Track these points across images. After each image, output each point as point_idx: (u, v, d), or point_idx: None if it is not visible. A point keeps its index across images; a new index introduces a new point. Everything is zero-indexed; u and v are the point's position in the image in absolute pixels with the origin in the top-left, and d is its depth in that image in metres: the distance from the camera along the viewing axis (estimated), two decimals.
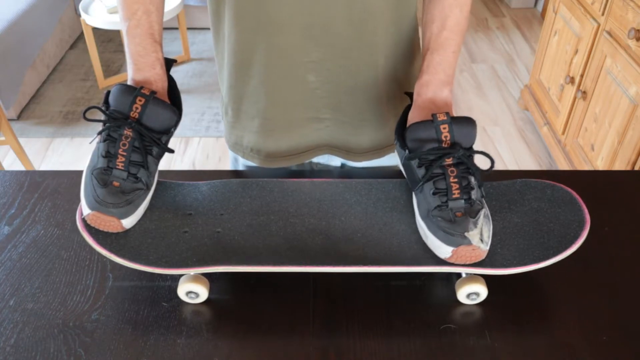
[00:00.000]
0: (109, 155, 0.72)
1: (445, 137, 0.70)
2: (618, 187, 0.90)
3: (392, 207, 0.77)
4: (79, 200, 0.86)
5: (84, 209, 0.70)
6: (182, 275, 0.71)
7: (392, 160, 0.98)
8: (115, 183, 0.71)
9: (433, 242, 0.69)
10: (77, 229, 0.81)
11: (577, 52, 2.12)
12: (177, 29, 3.43)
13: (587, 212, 0.73)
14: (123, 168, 0.71)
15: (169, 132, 0.75)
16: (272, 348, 0.66)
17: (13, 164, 2.40)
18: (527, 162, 2.41)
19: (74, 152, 2.48)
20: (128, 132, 0.72)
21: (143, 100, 0.72)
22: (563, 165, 2.20)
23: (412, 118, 0.77)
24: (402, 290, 0.73)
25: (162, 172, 0.87)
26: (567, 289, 0.73)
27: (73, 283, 0.73)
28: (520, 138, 2.56)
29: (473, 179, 0.71)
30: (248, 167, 0.99)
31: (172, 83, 0.82)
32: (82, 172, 0.90)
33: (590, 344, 0.66)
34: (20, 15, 2.70)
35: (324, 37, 0.80)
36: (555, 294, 0.72)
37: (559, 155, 2.24)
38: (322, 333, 0.68)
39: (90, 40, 2.74)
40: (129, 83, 0.76)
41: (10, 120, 2.68)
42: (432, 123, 0.71)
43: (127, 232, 0.72)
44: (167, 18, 2.69)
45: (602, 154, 1.92)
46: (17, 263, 0.76)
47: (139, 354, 0.65)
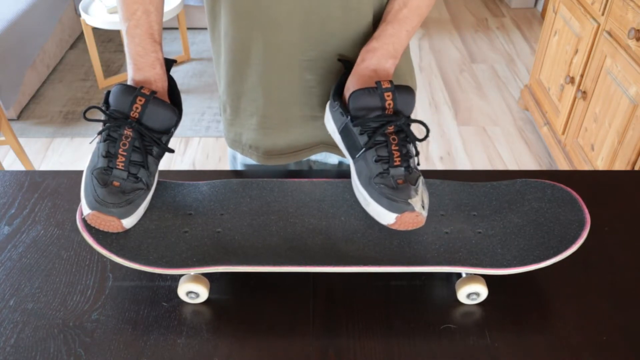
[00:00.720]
0: (109, 155, 0.72)
1: (389, 104, 0.72)
2: (618, 187, 0.90)
3: None
4: (79, 200, 0.86)
5: (84, 209, 0.70)
6: (182, 275, 0.71)
7: None
8: (116, 183, 0.71)
9: (375, 208, 0.70)
10: (77, 229, 0.81)
11: (577, 52, 2.12)
12: (177, 29, 3.43)
13: (587, 212, 0.73)
14: (123, 168, 0.71)
15: (169, 132, 0.76)
16: (272, 348, 0.66)
17: (13, 164, 2.40)
18: (527, 162, 2.41)
19: (74, 152, 2.48)
20: (128, 132, 0.72)
21: (143, 100, 0.72)
22: (563, 165, 2.20)
23: (351, 84, 0.77)
24: (402, 290, 0.73)
25: (162, 172, 0.87)
26: (567, 289, 0.73)
27: (73, 283, 0.73)
28: (520, 138, 2.56)
29: (411, 147, 0.73)
30: (247, 165, 1.00)
31: (172, 83, 0.82)
32: (82, 172, 0.90)
33: (590, 344, 0.66)
34: (20, 15, 2.70)
35: (320, 35, 0.81)
36: (555, 294, 0.72)
37: (559, 155, 2.24)
38: (322, 333, 0.68)
39: (90, 40, 2.74)
40: (129, 83, 0.77)
41: (10, 120, 2.68)
42: (376, 90, 0.71)
43: (127, 232, 0.72)
44: (167, 18, 2.69)
45: (602, 154, 1.92)
46: (17, 263, 0.76)
47: (139, 354, 0.65)
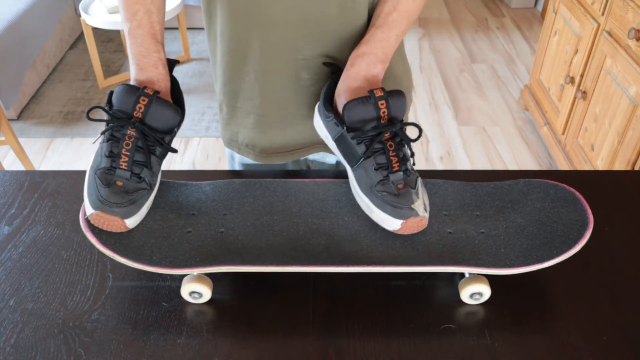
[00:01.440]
0: (112, 155, 0.72)
1: (384, 112, 0.73)
2: (618, 187, 0.90)
3: None
4: (79, 200, 0.86)
5: (87, 209, 0.70)
6: (184, 276, 0.71)
7: None
8: (119, 183, 0.71)
9: (379, 215, 0.71)
10: (77, 229, 0.81)
11: (577, 52, 2.12)
12: (177, 29, 3.43)
13: (590, 212, 0.73)
14: (126, 168, 0.71)
15: (172, 132, 0.76)
16: (272, 348, 0.66)
17: (13, 164, 2.40)
18: (527, 162, 2.41)
19: (74, 152, 2.48)
20: (131, 131, 0.72)
21: (146, 100, 0.72)
22: (563, 165, 2.20)
23: (342, 90, 0.77)
24: (402, 290, 0.73)
25: (162, 172, 0.87)
26: (567, 289, 0.73)
27: (73, 283, 0.73)
28: (520, 138, 2.56)
29: (407, 150, 0.74)
30: (245, 165, 1.00)
31: (174, 83, 0.82)
32: (82, 172, 0.90)
33: (591, 344, 0.66)
34: (20, 15, 2.70)
35: (317, 34, 0.81)
36: (556, 294, 0.72)
37: (559, 155, 2.24)
38: (322, 333, 0.68)
39: (90, 40, 2.74)
40: (132, 83, 0.77)
41: (10, 120, 2.68)
42: (369, 99, 0.72)
43: (130, 232, 0.72)
44: (167, 18, 2.69)
45: (602, 154, 1.92)
46: (17, 263, 0.76)
47: (139, 354, 0.65)
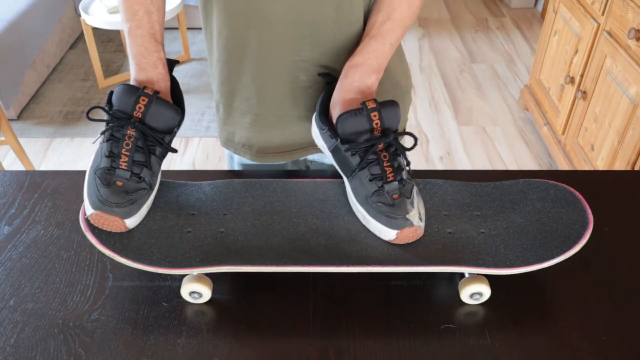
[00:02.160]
0: (112, 155, 0.72)
1: (377, 124, 0.73)
2: (618, 187, 0.90)
3: None
4: (79, 200, 0.86)
5: (87, 209, 0.70)
6: (184, 276, 0.71)
7: None
8: (119, 183, 0.71)
9: (376, 226, 0.72)
10: (77, 229, 0.81)
11: (577, 52, 2.12)
12: (177, 29, 3.43)
13: (590, 212, 0.73)
14: (126, 168, 0.71)
15: (172, 132, 0.76)
16: (272, 348, 0.66)
17: (13, 164, 2.40)
18: (527, 162, 2.41)
19: (74, 152, 2.48)
20: (131, 131, 0.72)
21: (146, 100, 0.72)
22: (563, 165, 2.20)
23: (337, 101, 0.78)
24: (402, 290, 0.73)
25: (162, 172, 0.87)
26: (567, 289, 0.73)
27: (73, 283, 0.73)
28: (520, 138, 2.56)
29: (402, 159, 0.74)
30: (244, 165, 1.00)
31: (174, 83, 0.82)
32: (82, 172, 0.90)
33: (590, 344, 0.66)
34: (20, 15, 2.70)
35: (314, 35, 0.81)
36: (556, 294, 0.72)
37: (559, 155, 2.24)
38: (322, 333, 0.68)
39: (90, 40, 2.74)
40: (132, 83, 0.77)
41: (10, 120, 2.68)
42: (362, 112, 0.73)
43: (130, 232, 0.72)
44: (167, 18, 2.69)
45: (602, 154, 1.92)
46: (17, 263, 0.76)
47: (139, 354, 0.65)
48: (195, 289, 0.69)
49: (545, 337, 0.67)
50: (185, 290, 0.69)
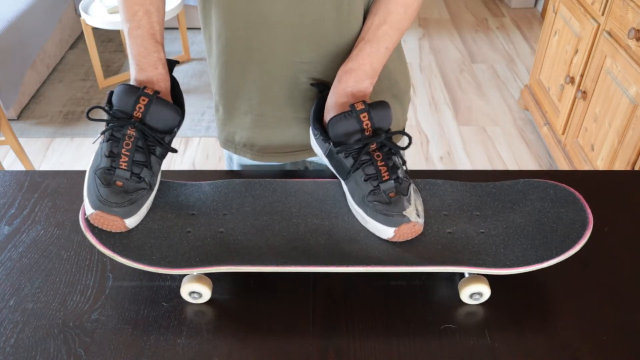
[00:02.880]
0: (112, 155, 0.72)
1: (367, 125, 0.73)
2: (618, 187, 0.90)
3: None
4: (79, 200, 0.86)
5: (87, 209, 0.70)
6: (184, 276, 0.71)
7: None
8: (119, 183, 0.71)
9: (374, 225, 0.72)
10: (77, 229, 0.81)
11: (577, 52, 2.12)
12: (177, 29, 3.43)
13: (589, 212, 0.73)
14: (126, 168, 0.71)
15: (172, 132, 0.76)
16: (272, 348, 0.66)
17: (13, 164, 2.40)
18: (527, 162, 2.41)
19: (74, 152, 2.48)
20: (131, 131, 0.72)
21: (146, 100, 0.72)
22: (563, 165, 2.20)
23: (330, 106, 0.78)
24: (402, 290, 0.73)
25: (162, 172, 0.87)
26: (567, 289, 0.73)
27: (73, 283, 0.73)
28: (520, 138, 2.56)
29: (397, 159, 0.75)
30: (243, 165, 1.00)
31: (174, 83, 0.82)
32: (82, 172, 0.90)
33: (590, 344, 0.66)
34: (20, 15, 2.70)
35: (314, 37, 0.81)
36: (556, 294, 0.72)
37: (559, 155, 2.24)
38: (322, 333, 0.68)
39: (90, 40, 2.74)
40: (132, 83, 0.77)
41: (10, 120, 2.68)
42: (351, 114, 0.73)
43: (130, 232, 0.72)
44: (167, 18, 2.69)
45: (602, 154, 1.92)
46: (17, 263, 0.76)
47: (139, 354, 0.65)
48: (195, 289, 0.69)
49: (545, 337, 0.67)
50: (185, 290, 0.69)
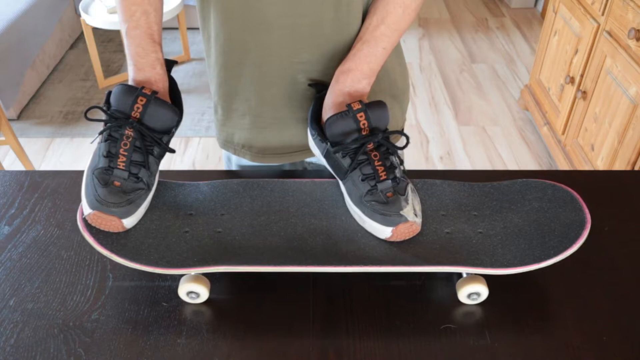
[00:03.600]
0: (110, 155, 0.72)
1: (364, 124, 0.73)
2: (618, 187, 0.90)
3: None
4: (80, 200, 0.86)
5: (85, 209, 0.70)
6: (182, 275, 0.71)
7: None
8: (116, 183, 0.71)
9: (371, 225, 0.72)
10: (77, 229, 0.81)
11: (577, 52, 2.12)
12: (177, 29, 3.43)
13: (587, 212, 0.73)
14: (124, 168, 0.71)
15: (170, 132, 0.76)
16: (272, 348, 0.66)
17: (13, 164, 2.41)
18: (527, 162, 2.41)
19: (74, 152, 2.49)
20: (129, 132, 0.72)
21: (144, 100, 0.72)
22: (563, 165, 2.20)
23: (328, 106, 0.78)
24: (402, 290, 0.73)
25: (162, 172, 0.87)
26: (567, 289, 0.73)
27: (73, 283, 0.73)
28: (520, 138, 2.56)
29: (394, 158, 0.75)
30: (242, 166, 0.99)
31: (172, 83, 0.82)
32: (82, 172, 0.90)
33: (590, 344, 0.66)
34: (20, 15, 2.70)
35: (313, 38, 0.80)
36: (555, 294, 0.72)
37: (559, 155, 2.24)
38: (322, 333, 0.68)
39: (90, 40, 2.74)
40: (130, 83, 0.77)
41: (10, 120, 2.68)
42: (348, 113, 0.73)
43: (127, 232, 0.72)
44: (167, 18, 2.69)
45: (602, 154, 1.92)
46: (17, 263, 0.76)
47: (139, 354, 0.65)
48: (193, 289, 0.69)
49: (545, 337, 0.67)
50: (183, 290, 0.69)
